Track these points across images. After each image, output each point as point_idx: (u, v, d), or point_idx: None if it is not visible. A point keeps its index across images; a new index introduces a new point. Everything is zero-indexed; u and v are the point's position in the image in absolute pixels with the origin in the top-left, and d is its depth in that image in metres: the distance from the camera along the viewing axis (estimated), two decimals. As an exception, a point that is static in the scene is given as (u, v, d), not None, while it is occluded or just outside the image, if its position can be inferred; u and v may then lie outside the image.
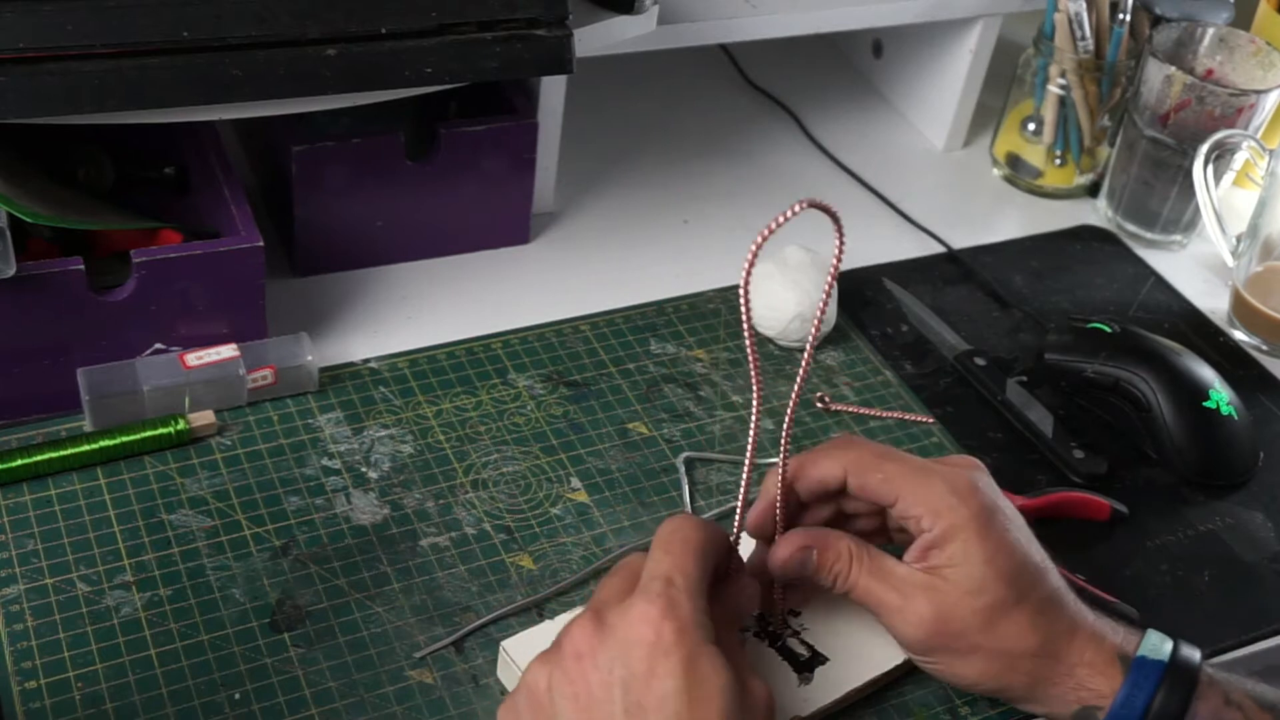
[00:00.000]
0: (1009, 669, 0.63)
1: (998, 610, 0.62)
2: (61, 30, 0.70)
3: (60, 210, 0.78)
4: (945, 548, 0.62)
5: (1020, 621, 0.63)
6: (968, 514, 0.62)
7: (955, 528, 0.62)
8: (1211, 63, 1.03)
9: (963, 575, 0.62)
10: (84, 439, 0.74)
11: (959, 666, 0.64)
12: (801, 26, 1.01)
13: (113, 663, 0.66)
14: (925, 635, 0.63)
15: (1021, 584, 0.63)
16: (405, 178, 0.88)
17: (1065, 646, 0.63)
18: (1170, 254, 1.06)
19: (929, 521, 0.63)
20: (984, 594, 0.62)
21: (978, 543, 0.62)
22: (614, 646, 0.54)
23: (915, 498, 0.63)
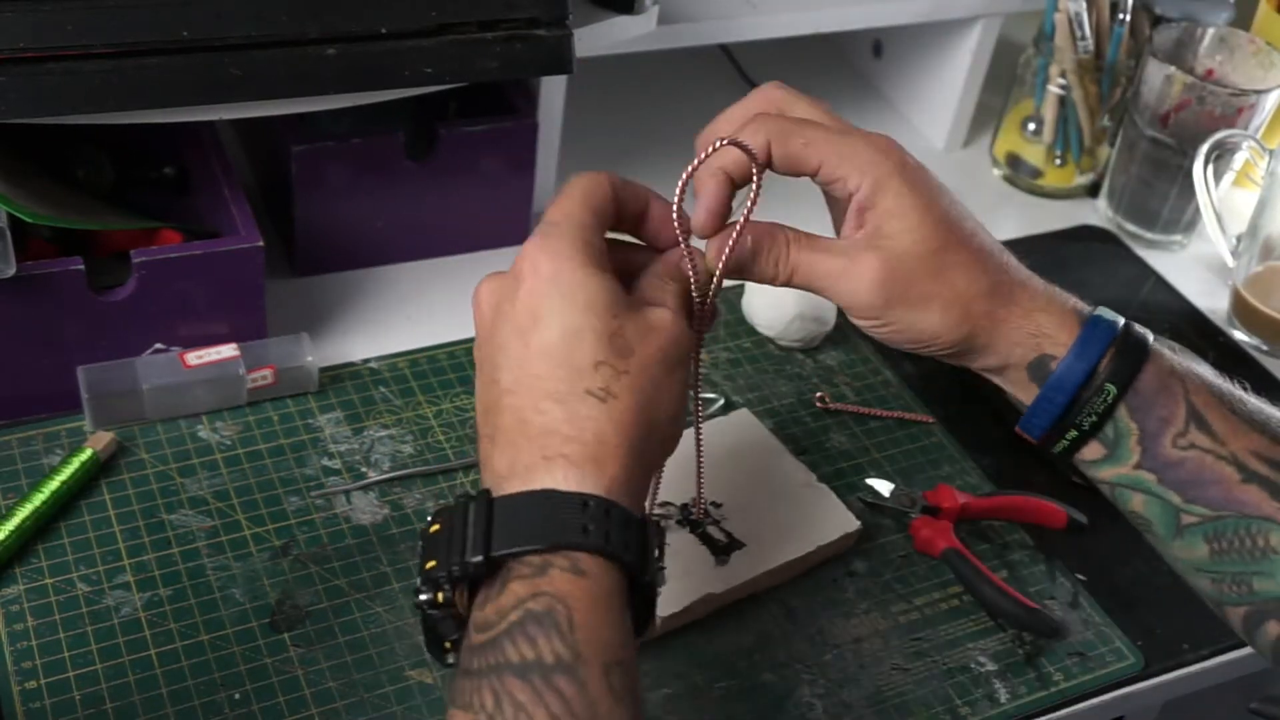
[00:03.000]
0: (965, 314, 0.61)
1: (943, 252, 0.61)
2: (61, 30, 0.70)
3: (60, 210, 0.78)
4: (878, 203, 0.61)
5: (968, 264, 0.61)
6: (893, 165, 0.61)
7: (883, 180, 0.60)
8: (1211, 63, 1.02)
9: (902, 226, 0.60)
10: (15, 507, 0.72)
11: (917, 320, 0.62)
12: (801, 26, 1.01)
13: (113, 663, 0.66)
14: (875, 290, 0.61)
15: (962, 228, 0.62)
16: (405, 178, 0.88)
17: (1020, 291, 0.62)
18: (1170, 254, 1.06)
19: (856, 179, 0.61)
20: (926, 238, 0.61)
21: (909, 192, 0.61)
22: (500, 286, 0.57)
23: (839, 158, 0.61)
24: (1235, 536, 0.61)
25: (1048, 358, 0.62)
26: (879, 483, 0.80)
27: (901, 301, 0.61)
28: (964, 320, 0.62)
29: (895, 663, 0.72)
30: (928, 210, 0.61)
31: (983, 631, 0.74)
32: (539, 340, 0.54)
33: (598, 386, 0.54)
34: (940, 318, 0.61)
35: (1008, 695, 0.71)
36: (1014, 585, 0.75)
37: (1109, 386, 0.61)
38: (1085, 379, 0.61)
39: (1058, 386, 0.61)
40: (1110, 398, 0.61)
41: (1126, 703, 0.74)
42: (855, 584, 0.76)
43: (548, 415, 0.53)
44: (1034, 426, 0.63)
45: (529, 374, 0.54)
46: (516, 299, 0.56)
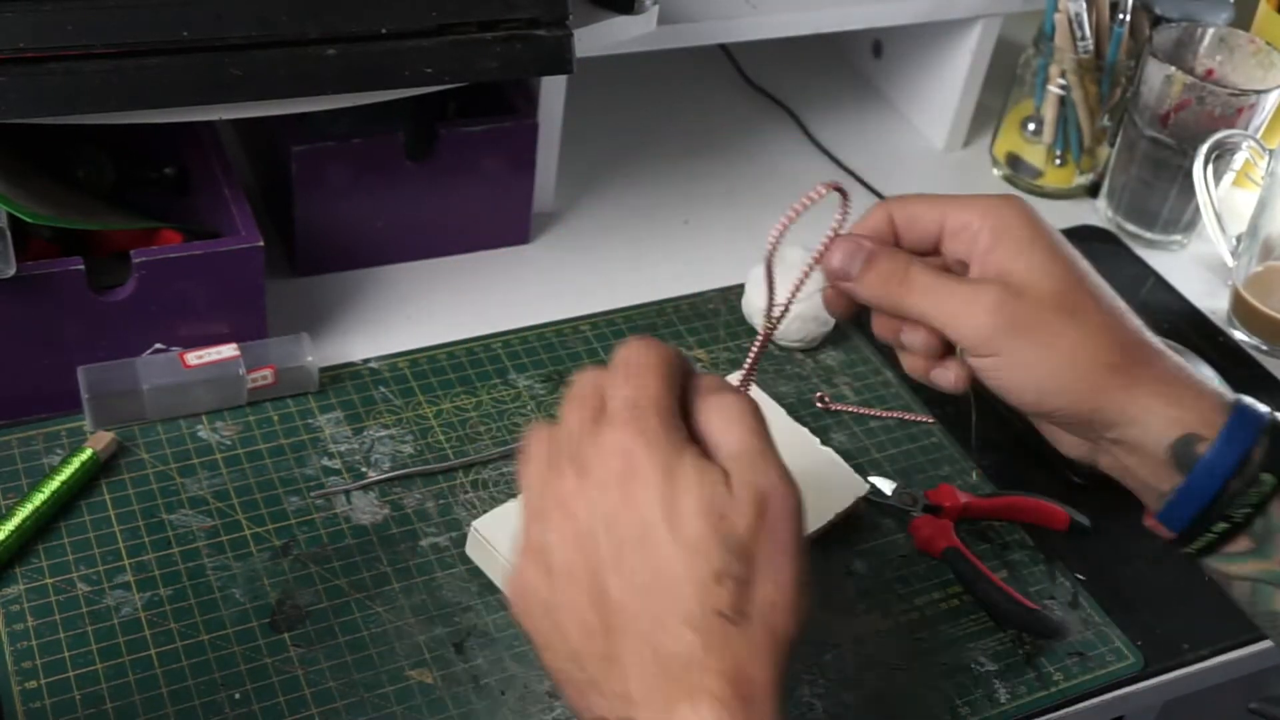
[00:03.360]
0: (1095, 364, 0.55)
1: (1074, 293, 0.56)
2: (61, 30, 0.70)
3: (60, 210, 0.78)
4: (1003, 241, 0.56)
5: (1101, 311, 0.56)
6: (1017, 212, 0.57)
7: (1009, 222, 0.57)
8: (1211, 63, 1.03)
9: (1030, 261, 0.56)
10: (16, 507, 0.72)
11: (1040, 360, 0.56)
12: (801, 26, 1.01)
13: (113, 663, 0.66)
14: (998, 316, 0.56)
15: (1093, 279, 0.57)
16: (405, 178, 0.88)
17: (1158, 359, 0.57)
18: (1170, 254, 1.06)
19: (978, 222, 0.57)
20: (1056, 276, 0.56)
21: (1038, 233, 0.57)
22: (592, 486, 0.50)
23: (961, 206, 0.58)
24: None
25: (1196, 438, 0.56)
26: (881, 481, 0.80)
27: (1025, 335, 0.56)
28: (1095, 369, 0.56)
29: (895, 663, 0.72)
30: (1056, 250, 0.57)
31: (983, 631, 0.74)
32: (655, 554, 0.48)
33: (728, 607, 0.48)
34: (1069, 360, 0.56)
35: (1008, 695, 0.71)
36: (1014, 585, 0.75)
37: (1265, 477, 0.56)
38: (1238, 466, 0.55)
39: (1209, 472, 0.56)
40: (1268, 488, 0.56)
41: (1126, 703, 0.74)
42: (855, 584, 0.76)
43: (683, 642, 0.47)
44: (1177, 518, 0.58)
45: (650, 594, 0.48)
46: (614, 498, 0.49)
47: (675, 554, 0.48)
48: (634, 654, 0.48)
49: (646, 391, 0.51)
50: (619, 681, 0.49)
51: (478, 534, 0.71)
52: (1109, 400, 0.56)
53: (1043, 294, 0.56)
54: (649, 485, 0.49)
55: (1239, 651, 0.76)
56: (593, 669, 0.50)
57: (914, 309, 0.58)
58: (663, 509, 0.48)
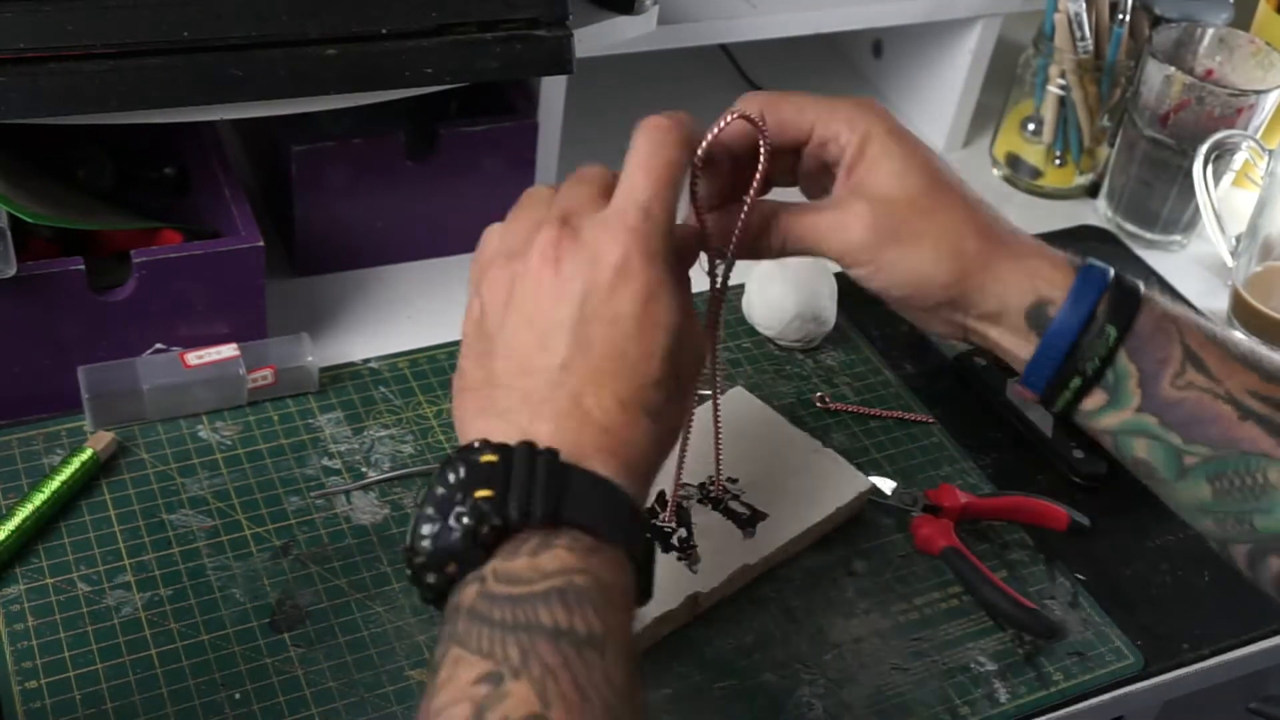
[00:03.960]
0: (958, 251, 0.62)
1: (932, 193, 0.62)
2: (61, 30, 0.70)
3: (60, 210, 0.78)
4: (865, 154, 0.62)
5: (958, 205, 0.62)
6: (880, 121, 0.63)
7: (871, 133, 0.62)
8: (1211, 63, 1.03)
9: (889, 170, 0.62)
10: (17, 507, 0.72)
11: (908, 259, 0.62)
12: (801, 26, 1.01)
13: (113, 663, 0.66)
14: (866, 232, 0.62)
15: (949, 176, 0.63)
16: (405, 178, 0.88)
17: (1010, 237, 0.63)
18: (1170, 254, 1.06)
19: (846, 134, 0.62)
20: (914, 181, 0.62)
21: (895, 142, 0.62)
22: (581, 256, 0.55)
23: (829, 116, 0.63)
24: (1235, 474, 0.62)
25: (1046, 302, 0.62)
26: (881, 481, 0.80)
27: (893, 240, 0.62)
28: (956, 257, 0.62)
29: (895, 663, 0.72)
30: (913, 156, 0.62)
31: (983, 631, 0.74)
32: (617, 339, 0.55)
33: (654, 406, 0.55)
34: (933, 255, 0.62)
35: (1008, 695, 0.71)
36: (1014, 585, 0.75)
37: (1109, 329, 0.61)
38: (1085, 322, 0.61)
39: (1060, 332, 0.62)
40: (1111, 340, 0.61)
41: (1126, 702, 0.74)
42: (855, 584, 0.76)
43: (609, 415, 0.54)
44: (1038, 378, 0.63)
45: (597, 365, 0.54)
46: (598, 282, 0.55)
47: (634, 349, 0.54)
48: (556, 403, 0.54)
49: (663, 203, 0.56)
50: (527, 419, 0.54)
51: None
52: (970, 283, 0.62)
53: (904, 200, 0.62)
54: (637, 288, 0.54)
55: (1239, 651, 0.76)
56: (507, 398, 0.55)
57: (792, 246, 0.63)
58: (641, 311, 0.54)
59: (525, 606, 0.49)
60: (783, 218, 0.63)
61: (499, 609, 0.49)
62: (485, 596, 0.50)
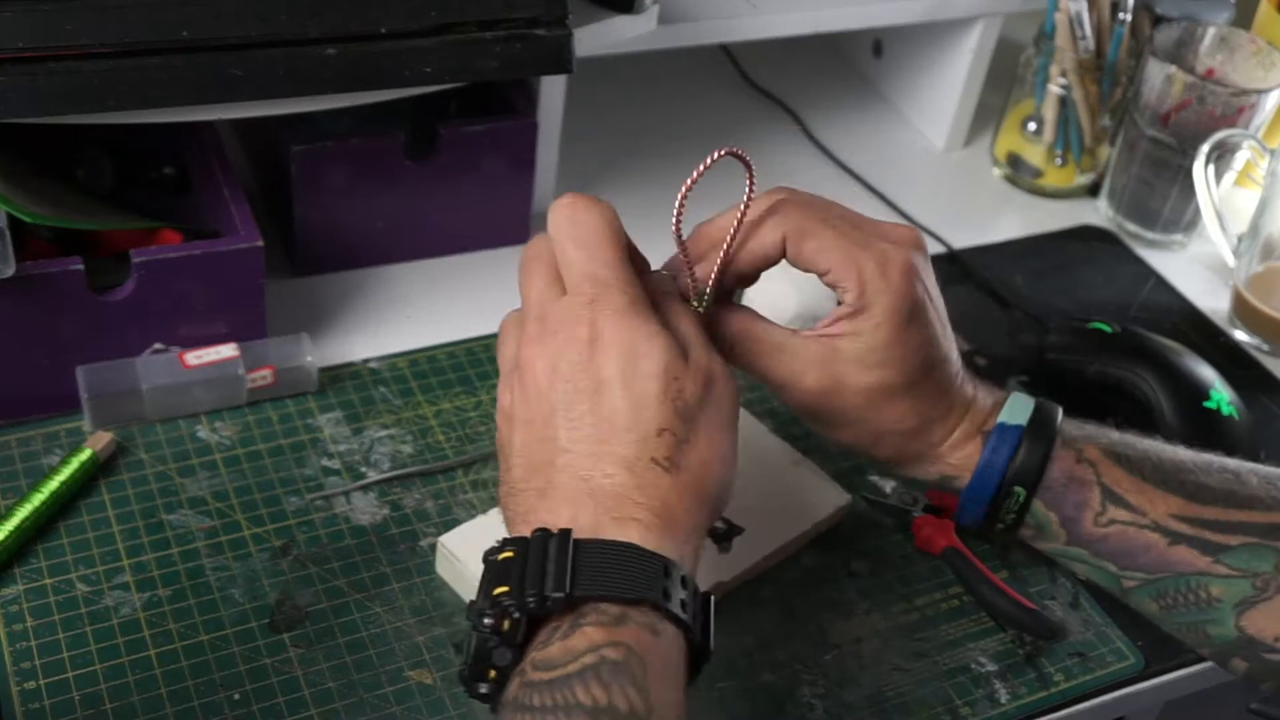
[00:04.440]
0: (878, 442, 0.65)
1: (883, 393, 0.63)
2: (61, 30, 0.70)
3: (60, 210, 0.78)
4: (855, 320, 0.62)
5: (902, 407, 0.64)
6: (892, 299, 0.62)
7: (874, 307, 0.62)
8: (1212, 62, 1.02)
9: (861, 350, 0.62)
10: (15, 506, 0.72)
11: (835, 432, 0.66)
12: (801, 26, 1.01)
13: (112, 663, 0.66)
14: (811, 407, 0.64)
15: (915, 374, 0.64)
16: (405, 178, 0.88)
17: (939, 428, 0.66)
18: (1171, 254, 1.06)
19: (853, 297, 0.62)
20: (875, 373, 0.63)
21: (889, 327, 0.62)
22: (556, 345, 0.56)
23: (846, 270, 0.62)
24: (1178, 593, 0.64)
25: (951, 478, 0.67)
26: (881, 480, 0.80)
27: (829, 421, 0.65)
28: (876, 445, 0.66)
29: (895, 663, 0.72)
30: (892, 347, 0.62)
31: (983, 631, 0.74)
32: (605, 405, 0.55)
33: (663, 456, 0.54)
34: (855, 438, 0.66)
35: (1008, 695, 0.71)
36: (1014, 585, 0.75)
37: (1017, 490, 0.66)
38: (996, 490, 0.66)
39: (974, 498, 0.67)
40: (1020, 499, 0.66)
41: (1127, 703, 0.74)
42: (855, 584, 0.75)
43: (615, 479, 0.54)
44: (967, 520, 0.69)
45: (592, 437, 0.54)
46: (577, 362, 0.55)
47: (624, 406, 0.54)
48: (567, 487, 0.54)
49: (605, 263, 0.57)
50: (547, 511, 0.54)
51: (445, 549, 0.71)
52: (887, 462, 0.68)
53: (857, 391, 0.63)
54: (612, 351, 0.55)
55: (1239, 652, 0.76)
56: (527, 500, 0.56)
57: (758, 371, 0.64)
58: (621, 369, 0.55)
59: (562, 689, 0.49)
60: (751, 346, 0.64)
61: (538, 695, 0.49)
62: (526, 686, 0.50)
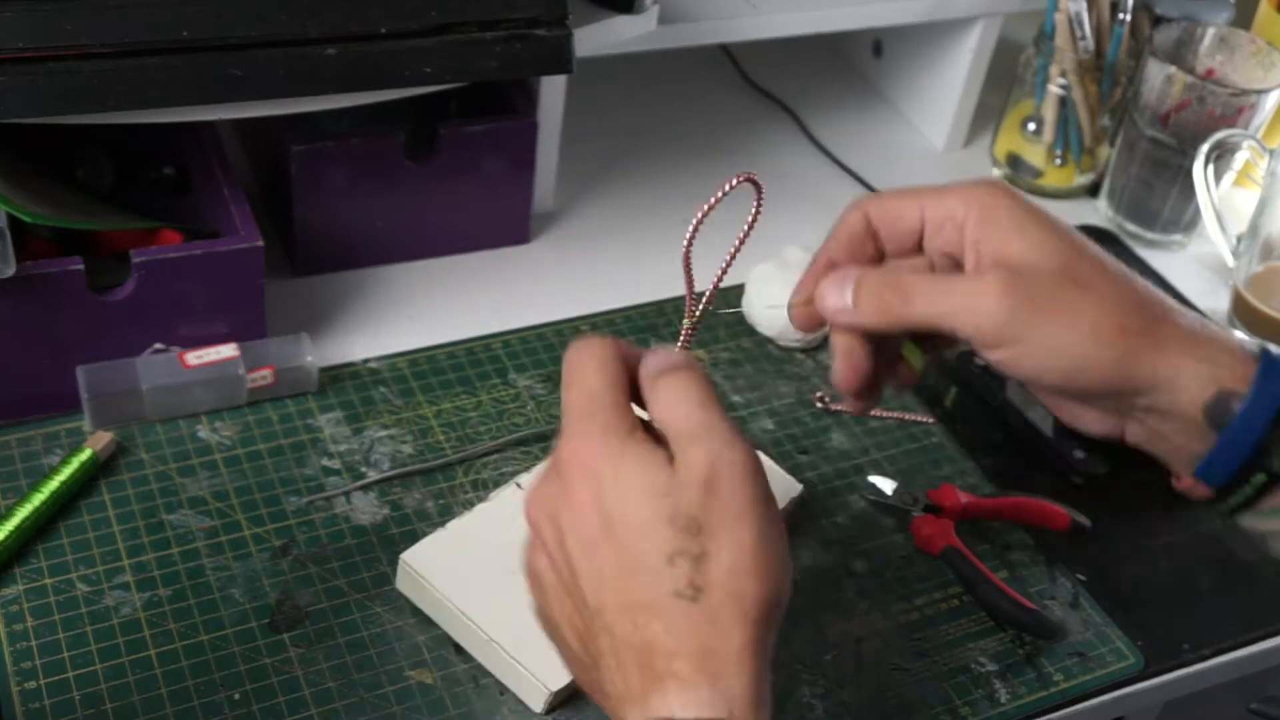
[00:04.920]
0: (1120, 329, 0.53)
1: (1079, 262, 0.54)
2: (61, 30, 0.70)
3: (60, 210, 0.78)
4: (993, 224, 0.55)
5: (1111, 277, 0.54)
6: (1004, 193, 0.56)
7: (995, 204, 0.55)
8: (1212, 62, 1.02)
9: (1028, 237, 0.54)
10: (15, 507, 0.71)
11: (1060, 336, 0.53)
12: (801, 26, 1.01)
13: (112, 663, 0.66)
14: (1007, 300, 0.53)
15: (1091, 248, 0.55)
16: (405, 178, 0.88)
17: (1176, 314, 0.55)
18: (1170, 254, 1.06)
19: (962, 209, 0.55)
20: (1056, 250, 0.54)
21: (1026, 210, 0.55)
22: (553, 496, 0.51)
23: (940, 196, 0.56)
24: None
25: (1229, 394, 0.54)
26: (882, 480, 0.80)
27: (1040, 313, 0.54)
28: (1120, 334, 0.54)
29: (895, 663, 0.72)
30: (1048, 227, 0.55)
31: (983, 631, 0.74)
32: (613, 549, 0.49)
33: (684, 585, 0.47)
34: (1091, 330, 0.54)
35: (1008, 695, 0.71)
36: (1014, 585, 0.75)
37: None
38: (1274, 417, 0.54)
39: (1245, 428, 0.54)
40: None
41: (1126, 703, 0.74)
42: (855, 584, 0.75)
43: (646, 630, 0.48)
44: (1216, 473, 0.56)
45: (613, 589, 0.49)
46: (573, 508, 0.50)
47: (629, 544, 0.48)
48: (612, 654, 0.49)
49: (585, 391, 0.52)
50: (607, 682, 0.49)
51: (407, 567, 0.69)
52: (1137, 365, 0.54)
53: (1047, 271, 0.54)
54: (599, 482, 0.49)
55: (1239, 651, 0.76)
56: (587, 674, 0.51)
57: (919, 317, 0.55)
58: (614, 502, 0.49)
59: None
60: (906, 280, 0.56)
61: None
62: None
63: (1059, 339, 0.54)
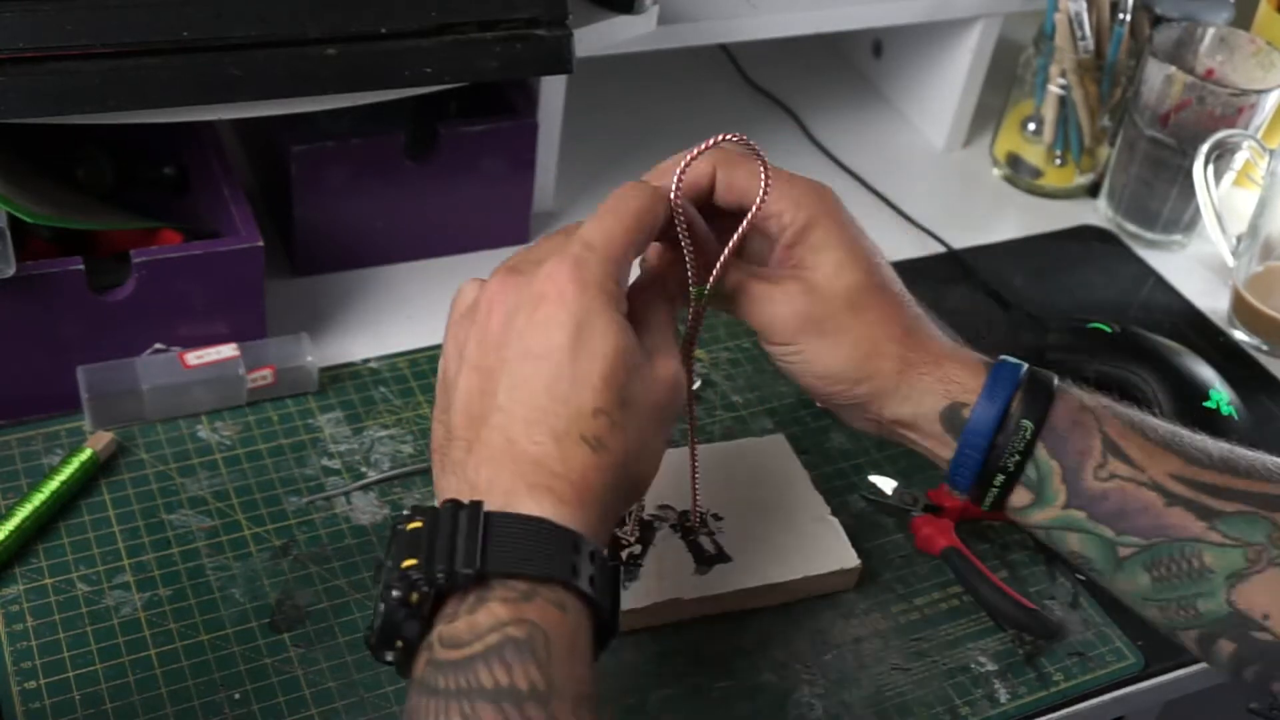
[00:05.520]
0: (875, 353, 0.63)
1: (863, 291, 0.63)
2: (61, 30, 0.70)
3: (60, 210, 0.78)
4: (807, 238, 0.63)
5: (885, 305, 0.64)
6: (827, 207, 0.63)
7: (816, 217, 0.63)
8: (1212, 62, 1.02)
9: (827, 260, 0.63)
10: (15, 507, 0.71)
11: (826, 353, 0.63)
12: (801, 26, 1.01)
13: (112, 663, 0.66)
14: (793, 316, 0.63)
15: (883, 274, 0.64)
16: (405, 178, 0.88)
17: (930, 341, 0.64)
18: (1170, 254, 1.06)
19: (790, 214, 0.63)
20: (849, 275, 0.63)
21: (838, 230, 0.63)
22: (517, 295, 0.56)
23: (779, 191, 0.63)
24: (1171, 561, 0.62)
25: (960, 405, 0.64)
26: (882, 480, 0.80)
27: (816, 330, 0.63)
28: (871, 358, 0.63)
29: (895, 663, 0.72)
30: (853, 249, 0.63)
31: (983, 631, 0.74)
32: (548, 372, 0.54)
33: (592, 434, 0.54)
34: (850, 353, 0.63)
35: (1008, 695, 0.71)
36: (1014, 585, 0.75)
37: (1024, 424, 0.63)
38: (1000, 421, 0.63)
39: (976, 431, 0.63)
40: (1027, 434, 0.63)
41: (1126, 703, 0.74)
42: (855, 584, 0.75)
43: (541, 447, 0.53)
44: (960, 479, 0.65)
45: (529, 401, 0.54)
46: (534, 319, 0.55)
47: (566, 379, 0.54)
48: (493, 446, 0.54)
49: (605, 237, 0.57)
50: (472, 469, 0.54)
51: None
52: (883, 387, 0.64)
53: (838, 292, 0.63)
54: (566, 318, 0.54)
55: (1239, 651, 0.76)
56: (457, 451, 0.55)
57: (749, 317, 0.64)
58: (572, 340, 0.54)
59: (466, 671, 0.49)
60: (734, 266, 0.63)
61: (444, 677, 0.49)
62: (432, 665, 0.50)
63: (825, 352, 0.63)
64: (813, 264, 0.63)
